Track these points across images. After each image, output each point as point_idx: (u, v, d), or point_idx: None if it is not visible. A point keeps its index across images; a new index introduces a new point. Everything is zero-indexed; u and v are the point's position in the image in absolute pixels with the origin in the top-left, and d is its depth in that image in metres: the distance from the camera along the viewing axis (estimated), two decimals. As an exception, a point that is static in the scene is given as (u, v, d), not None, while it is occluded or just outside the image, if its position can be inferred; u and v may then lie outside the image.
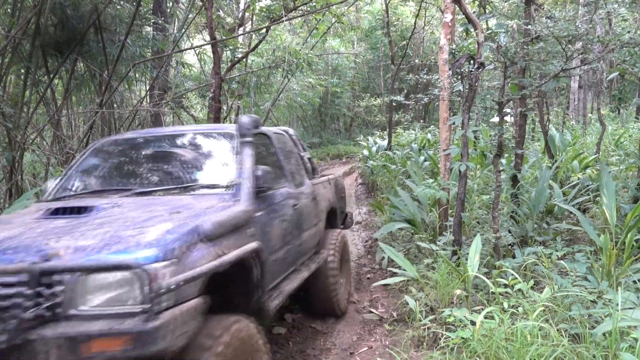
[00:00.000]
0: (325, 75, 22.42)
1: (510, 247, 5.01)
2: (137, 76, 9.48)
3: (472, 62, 4.90)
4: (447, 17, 6.34)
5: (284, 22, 9.21)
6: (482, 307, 3.50)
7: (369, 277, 6.01)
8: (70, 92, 7.31)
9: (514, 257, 4.48)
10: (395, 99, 13.19)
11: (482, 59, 4.70)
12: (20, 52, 6.42)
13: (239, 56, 9.95)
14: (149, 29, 9.62)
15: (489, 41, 5.12)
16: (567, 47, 4.92)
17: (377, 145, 15.09)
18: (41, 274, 2.04)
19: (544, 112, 10.26)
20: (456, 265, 4.31)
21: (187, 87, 12.22)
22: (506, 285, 3.56)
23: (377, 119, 25.88)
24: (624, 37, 4.99)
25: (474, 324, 3.07)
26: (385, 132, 17.45)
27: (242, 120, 3.60)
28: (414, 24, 16.06)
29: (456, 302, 3.96)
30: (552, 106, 17.78)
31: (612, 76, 9.17)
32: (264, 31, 9.63)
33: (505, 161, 7.26)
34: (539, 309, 3.09)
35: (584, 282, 3.49)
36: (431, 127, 16.63)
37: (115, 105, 8.21)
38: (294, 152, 4.62)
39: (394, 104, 14.53)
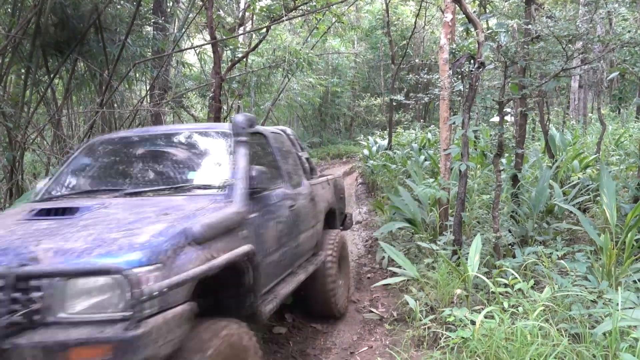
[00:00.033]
0: (325, 74, 22.44)
1: (510, 246, 5.01)
2: (137, 76, 9.48)
3: (472, 61, 4.90)
4: (447, 17, 6.35)
5: (284, 21, 9.21)
6: (482, 307, 3.50)
7: (369, 277, 6.01)
8: (70, 92, 7.32)
9: (514, 256, 4.48)
10: (395, 98, 13.17)
11: (482, 59, 4.69)
12: (20, 52, 6.42)
13: (239, 56, 9.94)
14: (149, 28, 9.62)
15: (489, 41, 5.12)
16: (567, 46, 4.92)
17: (378, 144, 15.08)
18: (18, 278, 1.93)
19: (544, 111, 10.25)
20: (456, 264, 4.31)
21: (187, 87, 12.23)
22: (506, 284, 3.56)
23: (378, 119, 25.89)
24: (624, 36, 4.99)
25: (474, 323, 3.07)
26: (385, 131, 17.45)
27: (237, 119, 3.47)
28: (414, 23, 16.08)
29: (456, 301, 3.96)
30: (553, 106, 17.77)
31: (612, 76, 9.17)
32: (264, 31, 9.64)
33: (505, 161, 7.26)
34: (539, 309, 3.08)
35: (584, 282, 3.49)
36: (431, 126, 16.65)
37: (115, 105, 8.20)
38: (291, 152, 4.51)
39: (394, 104, 14.53)
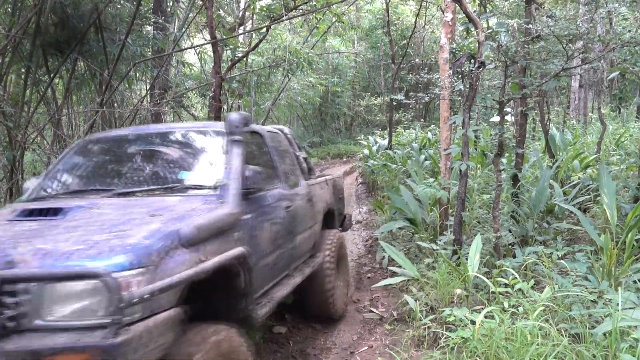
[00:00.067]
0: (325, 74, 22.45)
1: (510, 246, 5.01)
2: (137, 75, 9.48)
3: (472, 61, 4.89)
4: (447, 16, 6.35)
5: (284, 21, 9.21)
6: (483, 307, 3.50)
7: (369, 277, 6.01)
8: (70, 92, 7.31)
9: (515, 256, 4.48)
10: (395, 98, 13.18)
11: (482, 58, 4.68)
12: (20, 52, 6.42)
13: (240, 55, 9.94)
14: (150, 28, 9.62)
15: (489, 40, 5.11)
16: (567, 46, 4.91)
17: (378, 144, 15.08)
18: (3, 281, 1.90)
19: (545, 111, 10.24)
20: (456, 264, 4.31)
21: (187, 87, 12.24)
22: (506, 284, 3.55)
23: (378, 118, 25.88)
24: (624, 36, 4.99)
25: (474, 323, 3.07)
26: (385, 131, 17.44)
27: (231, 117, 3.37)
28: (415, 23, 16.07)
29: (456, 301, 3.96)
30: (553, 105, 17.75)
31: (612, 75, 9.16)
32: (264, 30, 9.65)
33: (505, 160, 7.26)
34: (539, 309, 3.08)
35: (584, 282, 3.48)
36: (432, 126, 16.66)
37: (115, 104, 8.20)
38: (289, 152, 4.42)
39: (395, 103, 14.52)
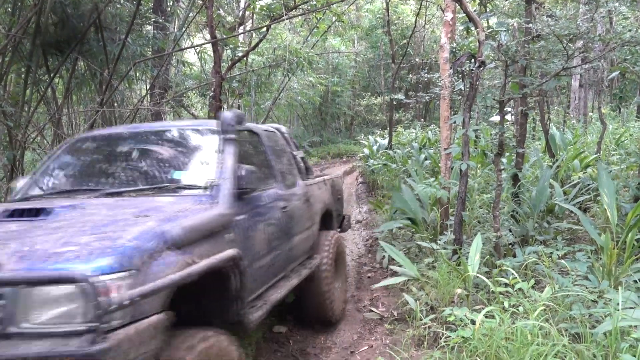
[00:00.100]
0: (325, 74, 22.43)
1: (510, 246, 5.01)
2: (137, 75, 9.49)
3: (473, 60, 4.89)
4: (447, 16, 6.35)
5: (285, 20, 9.21)
6: (483, 307, 3.49)
7: (369, 276, 6.01)
8: (70, 91, 7.31)
9: (515, 256, 4.47)
10: (395, 97, 13.17)
11: (483, 58, 4.68)
12: (20, 51, 6.42)
13: (240, 55, 9.93)
14: (150, 27, 9.61)
15: (489, 40, 5.10)
16: (568, 45, 4.91)
17: (378, 144, 15.07)
18: None
19: (545, 111, 10.23)
20: (457, 264, 4.31)
21: (187, 86, 12.23)
22: (507, 284, 3.55)
23: (378, 118, 25.86)
24: (624, 35, 4.98)
25: (474, 323, 3.07)
26: (385, 131, 17.43)
27: (224, 115, 3.28)
28: (415, 22, 16.06)
29: (457, 301, 3.96)
30: (553, 105, 17.73)
31: (613, 75, 9.15)
32: (264, 30, 9.64)
33: (506, 160, 7.26)
34: (539, 309, 3.08)
35: (584, 282, 3.48)
36: (432, 125, 16.64)
37: (115, 104, 8.21)
38: (285, 151, 4.34)
39: (395, 103, 14.51)
